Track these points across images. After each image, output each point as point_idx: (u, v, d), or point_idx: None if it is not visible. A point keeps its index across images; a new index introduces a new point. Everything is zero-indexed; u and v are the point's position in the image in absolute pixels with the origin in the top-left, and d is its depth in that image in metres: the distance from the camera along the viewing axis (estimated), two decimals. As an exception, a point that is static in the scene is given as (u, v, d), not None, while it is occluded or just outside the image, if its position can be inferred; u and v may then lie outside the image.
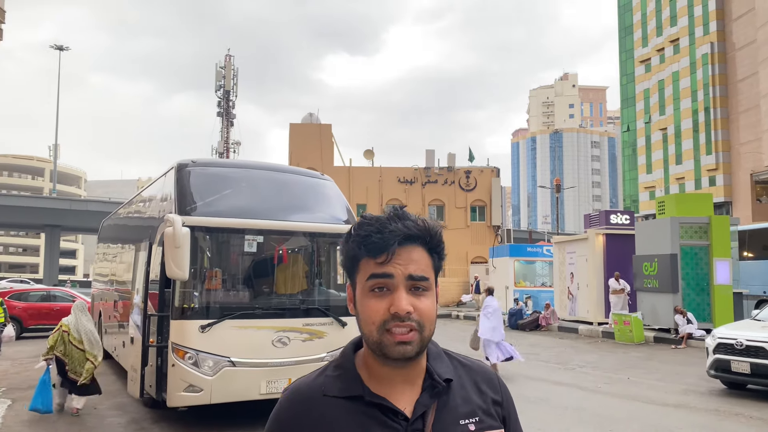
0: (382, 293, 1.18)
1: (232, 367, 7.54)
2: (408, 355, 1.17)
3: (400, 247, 1.19)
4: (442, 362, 1.28)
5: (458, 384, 1.27)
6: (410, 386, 1.23)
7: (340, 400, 1.21)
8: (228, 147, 51.73)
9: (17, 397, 9.94)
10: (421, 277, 1.19)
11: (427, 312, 1.19)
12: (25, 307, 18.67)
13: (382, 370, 1.22)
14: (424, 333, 1.18)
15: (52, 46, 63.08)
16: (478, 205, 41.04)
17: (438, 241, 1.25)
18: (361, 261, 1.22)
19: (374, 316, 1.18)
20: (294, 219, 8.46)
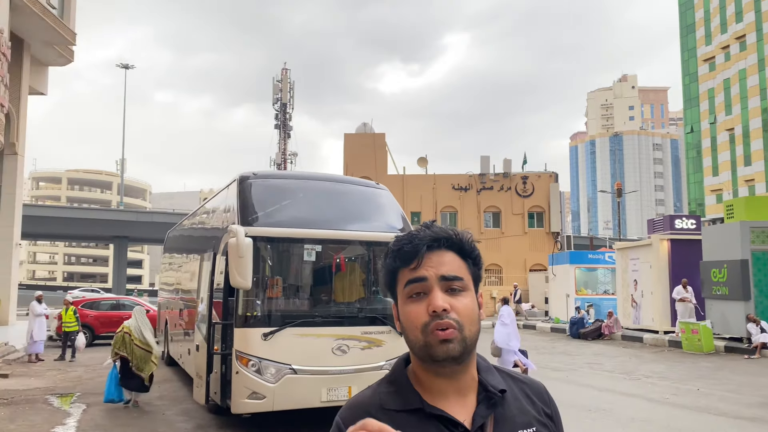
0: (419, 298, 1.21)
1: (294, 375, 7.68)
2: (452, 353, 1.18)
3: (429, 251, 1.23)
4: (493, 375, 1.30)
5: (512, 395, 1.29)
6: (464, 398, 1.24)
7: (400, 413, 1.21)
8: (285, 158, 52.75)
9: (92, 401, 10.39)
10: (454, 277, 1.22)
11: (465, 311, 1.21)
12: (96, 316, 19.51)
13: (434, 382, 1.23)
14: (465, 332, 1.20)
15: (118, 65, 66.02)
16: (536, 212, 40.36)
17: (470, 247, 1.28)
18: (399, 273, 1.26)
19: (416, 320, 1.20)
20: (351, 228, 8.57)
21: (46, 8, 23.34)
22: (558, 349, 18.44)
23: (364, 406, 1.25)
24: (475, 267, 1.29)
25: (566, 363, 15.19)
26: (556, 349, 18.65)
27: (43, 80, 27.24)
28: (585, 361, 15.62)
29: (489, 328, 26.80)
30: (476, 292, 1.27)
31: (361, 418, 1.21)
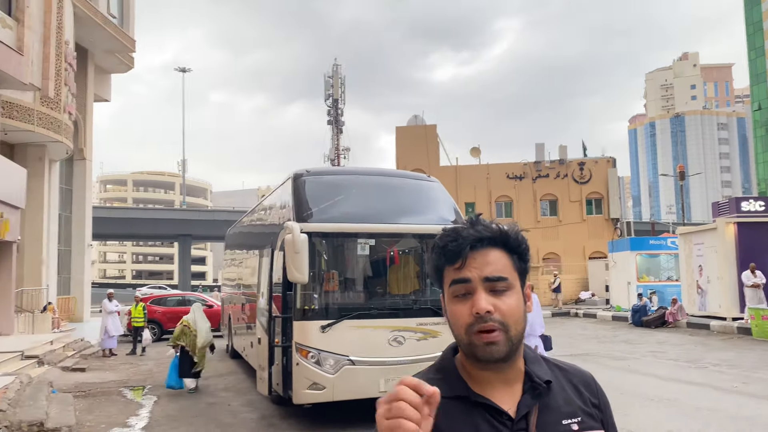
0: (464, 298, 1.23)
1: (352, 366, 7.86)
2: (496, 355, 1.20)
3: (474, 250, 1.24)
4: (540, 366, 1.31)
5: (558, 386, 1.30)
6: (509, 388, 1.26)
7: (446, 400, 1.21)
8: (339, 154, 53.31)
9: (162, 393, 10.91)
10: (498, 278, 1.23)
11: (509, 311, 1.22)
12: (163, 311, 20.34)
13: (480, 373, 1.26)
14: (510, 333, 1.21)
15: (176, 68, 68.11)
16: (594, 198, 39.41)
17: (517, 243, 1.27)
18: (444, 270, 1.28)
19: (460, 320, 1.22)
20: (403, 222, 8.68)
21: (107, 18, 24.35)
22: (620, 338, 18.06)
23: None
24: (522, 262, 1.28)
25: (628, 352, 14.88)
26: (617, 337, 18.27)
27: (106, 87, 28.46)
28: (648, 349, 15.26)
29: (548, 317, 26.46)
30: (523, 286, 1.28)
31: None
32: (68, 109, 20.09)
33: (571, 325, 22.92)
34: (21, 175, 16.96)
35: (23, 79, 15.80)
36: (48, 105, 18.65)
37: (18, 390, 9.48)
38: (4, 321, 16.28)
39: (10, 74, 15.34)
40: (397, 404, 1.01)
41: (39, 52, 16.85)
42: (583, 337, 18.53)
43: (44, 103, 18.49)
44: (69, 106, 20.16)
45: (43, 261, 20.48)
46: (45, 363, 13.32)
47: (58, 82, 18.36)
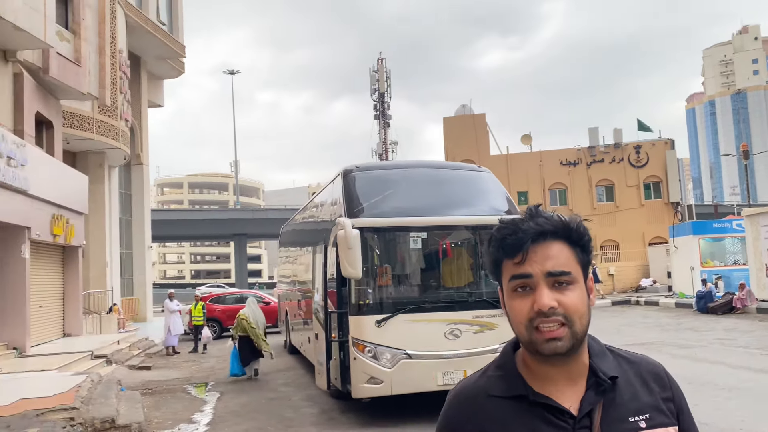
0: (525, 292, 1.19)
1: (409, 360, 7.84)
2: (560, 350, 1.16)
3: (535, 244, 1.19)
4: (605, 359, 1.26)
5: (625, 381, 1.25)
6: (573, 384, 1.22)
7: (505, 400, 1.22)
8: (387, 148, 53.35)
9: (225, 390, 11.17)
10: (561, 272, 1.18)
11: (573, 305, 1.17)
12: (223, 309, 20.83)
13: (542, 368, 1.22)
14: (575, 327, 1.17)
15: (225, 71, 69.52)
16: (653, 182, 38.16)
17: (579, 235, 1.22)
18: (503, 263, 1.23)
19: (520, 316, 1.18)
20: (455, 213, 8.58)
21: (157, 25, 25.02)
22: (684, 325, 17.44)
23: (471, 391, 1.28)
24: (585, 254, 1.23)
25: (694, 339, 14.35)
26: (682, 325, 17.65)
27: (159, 93, 29.29)
28: (715, 336, 14.68)
29: (607, 306, 25.81)
30: (585, 279, 1.23)
31: (467, 407, 1.26)
32: (124, 116, 20.77)
33: (632, 314, 22.29)
34: (83, 181, 17.64)
35: (82, 89, 16.41)
36: (105, 113, 19.32)
37: (89, 388, 9.87)
38: (74, 323, 17.00)
39: (70, 85, 15.96)
40: None
41: (95, 63, 17.45)
42: (645, 326, 17.98)
43: (102, 112, 19.17)
44: (125, 113, 20.84)
45: (107, 264, 21.28)
46: (113, 362, 13.84)
47: (114, 90, 18.99)
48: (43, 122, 16.31)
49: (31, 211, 13.73)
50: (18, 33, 13.43)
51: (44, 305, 15.47)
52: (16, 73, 14.62)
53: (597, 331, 1.28)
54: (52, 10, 14.59)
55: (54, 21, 14.84)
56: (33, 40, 13.91)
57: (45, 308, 15.55)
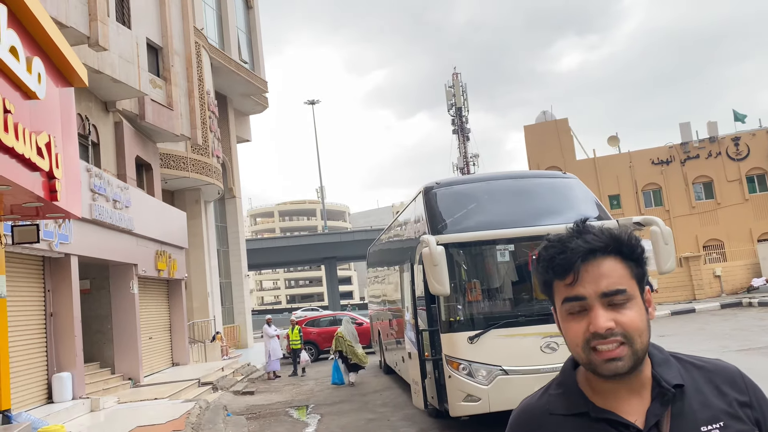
0: (579, 315, 1.16)
1: (505, 376, 7.70)
2: (620, 371, 1.13)
3: (585, 263, 1.15)
4: (669, 368, 1.22)
5: (694, 388, 1.20)
6: (638, 397, 1.19)
7: (567, 417, 1.21)
8: (467, 162, 53.02)
9: (325, 411, 11.38)
10: (616, 291, 1.14)
11: (632, 324, 1.14)
12: (318, 332, 21.28)
13: (603, 384, 1.19)
14: (635, 346, 1.13)
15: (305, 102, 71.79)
16: (756, 174, 35.66)
17: (631, 248, 1.18)
18: (554, 284, 1.20)
19: (576, 339, 1.16)
20: (541, 223, 8.40)
21: (239, 64, 26.29)
22: (806, 327, 16.09)
23: (532, 411, 1.28)
24: (639, 267, 1.19)
25: (819, 341, 13.21)
26: (803, 326, 16.29)
27: (246, 128, 30.66)
28: (844, 337, 13.44)
29: (716, 310, 24.25)
30: (642, 292, 1.19)
31: (529, 423, 1.27)
32: (216, 153, 21.88)
33: (744, 317, 20.80)
34: (182, 218, 18.69)
35: (175, 131, 17.48)
36: (198, 152, 20.45)
37: (198, 414, 10.36)
38: (181, 352, 17.93)
39: (164, 128, 17.04)
40: None
41: (186, 105, 18.56)
42: (762, 329, 16.72)
43: (195, 151, 20.30)
44: (216, 150, 21.96)
45: (208, 294, 22.34)
46: (218, 388, 14.45)
47: (204, 129, 20.08)
48: (143, 165, 17.48)
49: (136, 248, 14.69)
50: (116, 85, 14.54)
51: (153, 336, 16.43)
52: (116, 122, 15.79)
53: (707, 337, 1.25)
54: (144, 61, 15.69)
55: (147, 70, 15.95)
56: (129, 90, 15.00)
57: (154, 339, 16.51)
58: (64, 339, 11.26)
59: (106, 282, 14.38)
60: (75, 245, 11.41)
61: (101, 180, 12.68)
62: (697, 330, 18.01)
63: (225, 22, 26.42)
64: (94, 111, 14.91)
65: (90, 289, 14.22)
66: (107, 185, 12.97)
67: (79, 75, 7.08)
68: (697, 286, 29.84)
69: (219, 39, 25.96)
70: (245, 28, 29.28)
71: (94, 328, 14.10)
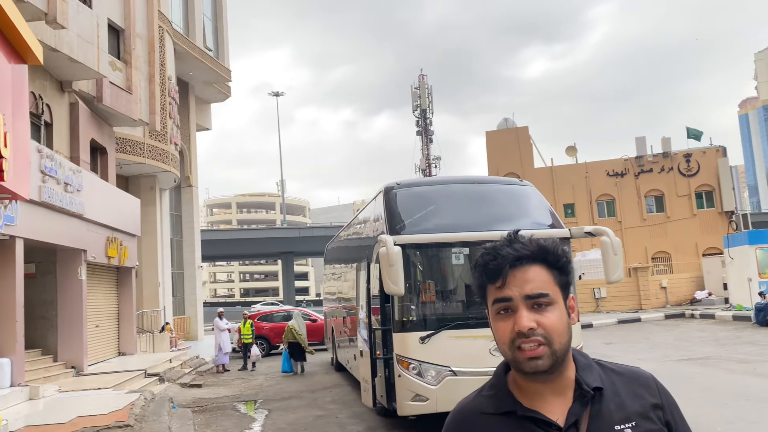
0: (506, 315, 1.27)
1: (454, 377, 7.79)
2: (540, 368, 1.24)
3: (513, 268, 1.27)
4: (591, 372, 1.33)
5: (611, 391, 1.31)
6: (561, 398, 1.29)
7: (496, 416, 1.31)
8: (430, 163, 53.35)
9: (273, 407, 11.30)
10: (539, 294, 1.26)
11: (552, 326, 1.25)
12: (271, 327, 21.09)
13: (531, 385, 1.29)
14: (554, 346, 1.24)
15: (270, 93, 71.12)
16: (705, 191, 36.97)
17: (556, 257, 1.30)
18: (487, 288, 1.31)
19: (503, 337, 1.27)
20: (496, 228, 8.52)
21: (204, 51, 25.84)
22: (743, 339, 16.77)
23: (466, 412, 1.38)
24: (563, 275, 1.31)
25: (754, 354, 13.78)
26: (740, 338, 16.97)
27: (207, 117, 30.16)
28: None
29: (661, 320, 25.03)
30: (566, 299, 1.30)
31: (462, 424, 1.37)
32: (174, 140, 21.46)
33: (687, 328, 21.55)
34: (135, 205, 18.26)
35: (133, 116, 17.07)
36: (156, 138, 20.02)
37: (143, 406, 10.15)
38: (128, 341, 17.53)
39: (122, 112, 16.63)
40: None
41: (146, 90, 18.15)
42: (702, 340, 17.36)
43: (153, 137, 19.87)
44: (174, 138, 21.54)
45: (159, 284, 21.89)
46: (165, 380, 14.19)
47: (164, 115, 19.68)
48: (98, 148, 17.01)
49: (86, 234, 14.29)
50: (73, 65, 14.11)
51: (100, 325, 16.02)
52: (72, 103, 15.33)
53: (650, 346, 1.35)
54: (104, 42, 15.28)
55: (107, 52, 15.53)
56: (87, 70, 14.58)
57: (101, 328, 16.10)
58: (5, 324, 10.88)
59: (53, 267, 13.96)
60: (21, 227, 11.04)
61: (53, 162, 12.30)
62: (642, 339, 18.55)
63: (191, 8, 25.94)
64: (49, 90, 14.44)
65: (35, 273, 13.77)
66: (59, 167, 12.58)
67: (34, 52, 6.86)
68: (644, 296, 30.74)
69: (184, 24, 25.47)
70: (212, 15, 28.81)
71: (37, 313, 13.66)
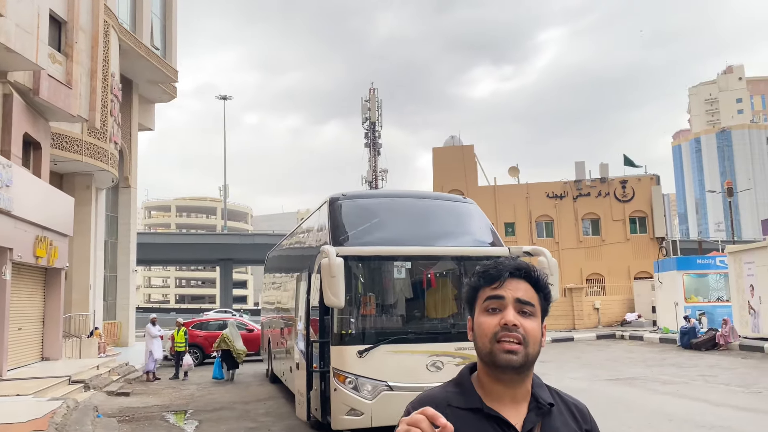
0: (494, 312, 1.40)
1: (390, 392, 7.78)
2: (513, 363, 1.36)
3: (511, 277, 1.43)
4: (544, 390, 1.47)
5: (558, 410, 1.46)
6: (517, 406, 1.42)
7: (462, 411, 1.40)
8: (377, 176, 53.55)
9: (204, 418, 10.98)
10: (528, 302, 1.41)
11: (531, 331, 1.39)
12: (206, 336, 20.56)
13: (494, 387, 1.41)
14: (529, 348, 1.38)
15: (217, 96, 69.89)
16: (638, 216, 38.52)
17: (543, 284, 1.46)
18: (480, 290, 1.45)
19: (487, 329, 1.39)
20: (439, 244, 8.62)
21: (150, 50, 25.20)
22: (668, 361, 17.46)
23: (433, 399, 1.44)
24: (545, 302, 1.46)
25: (677, 375, 14.36)
26: (666, 360, 17.66)
27: (150, 117, 29.35)
28: (698, 373, 14.70)
29: (592, 340, 25.79)
30: (542, 323, 1.45)
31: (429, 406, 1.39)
32: (114, 139, 20.77)
33: (616, 348, 22.27)
34: (69, 203, 17.52)
35: (72, 111, 16.42)
36: (95, 135, 19.32)
37: (65, 415, 9.68)
38: (53, 346, 16.72)
39: (60, 107, 15.97)
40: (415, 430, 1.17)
41: (87, 85, 17.51)
42: (630, 361, 17.97)
43: (91, 134, 19.16)
44: (114, 136, 20.85)
45: (90, 287, 21.03)
46: (91, 387, 13.60)
47: (105, 113, 19.02)
48: (31, 143, 16.26)
49: (14, 232, 13.60)
50: (10, 54, 13.48)
51: (23, 328, 15.23)
52: (6, 94, 14.62)
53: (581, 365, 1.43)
54: (45, 33, 14.67)
55: (47, 43, 14.92)
56: (24, 61, 13.95)
57: (24, 331, 15.30)
58: None
59: (-25, 265, 13.19)
60: (-59, 222, 10.41)
61: (-19, 154, 11.67)
62: (574, 358, 19.05)
63: (139, 5, 25.26)
64: (-19, 79, 13.74)
65: (-46, 270, 12.98)
66: (-13, 160, 11.95)
67: (-34, 38, 6.51)
68: (578, 316, 31.65)
69: (131, 21, 24.78)
70: (161, 14, 28.15)
71: (-46, 313, 12.87)
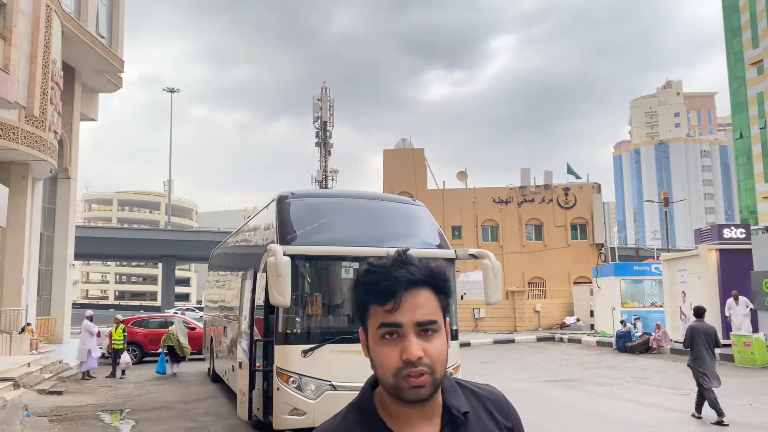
0: (393, 339, 1.22)
1: (333, 391, 7.78)
2: (422, 397, 1.21)
3: (406, 293, 1.22)
4: (457, 395, 1.33)
5: (474, 415, 1.32)
6: (429, 423, 1.27)
7: None
8: (327, 176, 53.31)
9: (141, 417, 10.70)
10: (429, 321, 1.22)
11: (437, 354, 1.22)
12: (145, 333, 20.02)
13: (400, 410, 1.25)
14: (436, 375, 1.22)
15: (164, 89, 68.23)
16: (579, 223, 39.72)
17: (444, 283, 1.28)
18: (371, 308, 1.25)
19: (388, 363, 1.21)
20: (388, 245, 8.66)
21: (95, 38, 24.38)
22: (604, 364, 18.06)
23: None
24: (446, 299, 1.29)
25: (612, 377, 14.87)
26: (602, 363, 18.26)
27: (93, 106, 28.37)
28: (632, 375, 15.26)
29: (532, 342, 26.43)
30: (445, 321, 1.28)
31: None
32: (53, 128, 19.99)
33: (555, 351, 22.89)
34: (3, 193, 16.77)
35: (8, 97, 15.72)
36: (33, 123, 18.55)
37: (-8, 413, 9.27)
38: (-19, 342, 15.96)
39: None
40: None
41: (25, 71, 16.80)
42: (568, 363, 18.50)
43: (29, 122, 18.39)
44: (54, 125, 20.07)
45: (23, 281, 20.17)
46: (21, 386, 13.05)
47: (44, 100, 18.30)
48: (-37, 129, 15.49)
49: (-59, 221, 12.93)
50: (-58, 35, 12.82)
51: (-51, 322, 14.48)
52: (-63, 76, 13.89)
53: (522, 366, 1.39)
54: (-19, 14, 14.02)
55: (-17, 25, 14.25)
56: (-42, 43, 13.29)
57: (-51, 326, 14.55)
58: None
59: None
60: None
61: None
62: (514, 359, 19.49)
63: (85, -10, 24.40)
64: None
65: None
66: None
67: None
68: (519, 318, 32.35)
69: (76, 7, 23.89)
70: (107, 2, 27.25)
71: None
